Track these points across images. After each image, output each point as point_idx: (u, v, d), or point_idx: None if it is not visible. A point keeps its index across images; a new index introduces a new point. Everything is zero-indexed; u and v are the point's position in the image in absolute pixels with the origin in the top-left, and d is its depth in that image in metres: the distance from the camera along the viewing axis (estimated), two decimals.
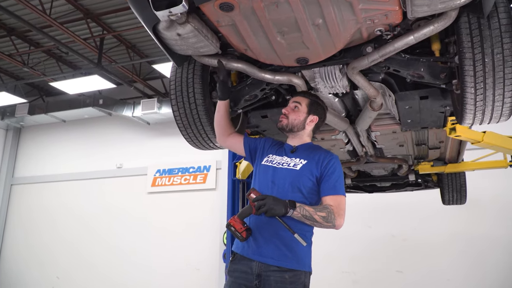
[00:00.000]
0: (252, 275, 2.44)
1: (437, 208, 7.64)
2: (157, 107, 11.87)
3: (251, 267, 2.45)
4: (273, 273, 2.40)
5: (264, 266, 2.42)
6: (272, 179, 2.57)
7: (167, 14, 2.11)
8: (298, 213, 2.31)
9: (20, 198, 14.56)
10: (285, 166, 2.60)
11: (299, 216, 2.32)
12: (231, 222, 2.42)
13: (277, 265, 2.40)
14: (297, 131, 2.74)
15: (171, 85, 3.12)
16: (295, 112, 2.72)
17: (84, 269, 12.64)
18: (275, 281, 2.38)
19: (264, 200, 2.26)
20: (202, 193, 12.37)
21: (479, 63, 2.24)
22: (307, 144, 2.75)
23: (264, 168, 2.66)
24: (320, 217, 2.34)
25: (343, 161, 4.94)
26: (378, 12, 2.16)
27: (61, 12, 9.73)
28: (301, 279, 2.42)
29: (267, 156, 2.72)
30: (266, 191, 2.49)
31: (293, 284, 2.39)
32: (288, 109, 2.75)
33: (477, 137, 3.80)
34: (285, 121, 2.73)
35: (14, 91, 13.28)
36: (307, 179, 2.52)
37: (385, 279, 9.69)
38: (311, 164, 2.57)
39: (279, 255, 2.42)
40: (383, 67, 2.66)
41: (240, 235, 2.40)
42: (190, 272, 11.45)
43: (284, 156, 2.66)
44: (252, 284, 2.43)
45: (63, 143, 14.45)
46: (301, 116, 2.72)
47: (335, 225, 2.39)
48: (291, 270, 2.41)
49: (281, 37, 2.35)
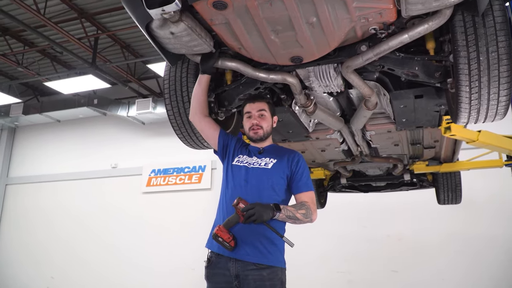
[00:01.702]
0: (231, 276, 2.48)
1: (433, 208, 7.63)
2: (152, 107, 11.85)
3: (228, 268, 2.49)
4: (251, 272, 2.43)
5: (241, 265, 2.46)
6: (245, 178, 2.64)
7: (160, 12, 2.10)
8: (283, 215, 2.41)
9: (15, 198, 14.50)
10: (256, 166, 2.68)
11: (283, 218, 2.43)
12: (217, 232, 2.44)
13: (254, 262, 2.45)
14: (267, 136, 2.83)
15: (164, 84, 3.11)
16: (265, 120, 2.80)
17: (79, 269, 12.60)
18: (254, 280, 2.42)
19: (254, 209, 2.31)
20: (197, 193, 12.35)
21: (474, 61, 2.23)
22: (271, 145, 2.87)
23: (236, 168, 2.72)
24: (301, 215, 2.48)
25: (338, 160, 4.94)
26: (372, 11, 2.15)
27: (56, 12, 9.70)
28: (278, 276, 2.49)
29: (237, 156, 2.78)
30: (240, 190, 2.57)
31: (271, 280, 2.44)
32: (257, 119, 2.79)
33: (472, 136, 3.79)
34: (261, 131, 2.78)
35: (8, 91, 13.24)
36: (279, 177, 2.64)
37: (381, 279, 9.69)
38: (281, 163, 2.68)
39: (255, 253, 2.47)
40: (378, 66, 2.65)
41: (228, 245, 2.43)
42: (185, 271, 11.41)
43: (254, 157, 2.75)
44: (232, 285, 2.47)
45: (57, 143, 14.41)
46: (269, 122, 2.82)
47: (312, 220, 2.55)
48: (268, 267, 2.46)
49: (275, 35, 2.34)
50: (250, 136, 2.80)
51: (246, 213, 2.30)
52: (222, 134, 2.89)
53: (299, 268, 3.25)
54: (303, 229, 2.93)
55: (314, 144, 4.23)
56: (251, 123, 2.77)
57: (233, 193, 2.58)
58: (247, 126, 2.81)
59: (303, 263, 9.44)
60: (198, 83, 2.84)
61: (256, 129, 2.77)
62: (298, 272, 2.93)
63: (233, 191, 2.60)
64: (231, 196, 2.59)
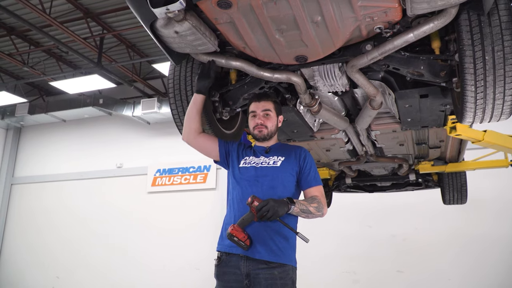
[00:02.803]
0: (241, 275, 2.46)
1: (438, 208, 7.62)
2: (157, 106, 11.86)
3: (239, 267, 2.47)
4: (261, 271, 2.41)
5: (252, 264, 2.44)
6: (255, 178, 2.62)
7: (165, 11, 2.10)
8: (297, 208, 2.41)
9: (20, 198, 14.55)
10: (265, 165, 2.67)
11: (297, 211, 2.43)
12: (232, 232, 2.39)
13: (265, 259, 2.42)
14: (273, 136, 2.81)
15: (169, 83, 3.10)
16: (269, 120, 2.78)
17: (84, 269, 12.63)
18: (265, 278, 2.40)
19: (268, 205, 2.30)
20: (202, 193, 12.35)
21: (480, 60, 2.22)
22: (277, 143, 2.86)
23: (244, 169, 2.71)
24: (313, 208, 2.49)
25: (343, 160, 4.93)
26: (378, 10, 2.15)
27: (61, 12, 9.72)
28: (289, 275, 2.47)
29: (243, 159, 2.76)
30: (252, 189, 2.56)
31: (282, 279, 2.42)
32: (262, 118, 2.77)
33: (477, 136, 3.77)
34: (265, 130, 2.77)
35: (14, 90, 13.29)
36: (289, 174, 2.64)
37: (386, 279, 9.68)
38: (289, 160, 2.68)
39: (267, 250, 2.45)
40: (383, 65, 2.64)
41: (244, 244, 2.40)
42: (190, 272, 11.44)
43: (261, 157, 2.74)
44: (243, 284, 2.45)
45: (63, 142, 14.44)
46: (275, 121, 2.81)
47: (323, 213, 2.56)
48: (279, 265, 2.44)
49: (280, 34, 2.33)
50: (255, 135, 2.79)
51: (261, 210, 2.29)
52: (221, 143, 2.86)
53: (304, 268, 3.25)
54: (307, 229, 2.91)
55: (319, 143, 4.22)
56: (256, 123, 2.77)
57: (245, 192, 2.56)
58: (251, 125, 2.80)
59: (308, 262, 9.41)
60: (193, 103, 2.79)
61: (261, 128, 2.76)
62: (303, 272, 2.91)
63: (245, 190, 2.58)
64: (242, 195, 2.57)
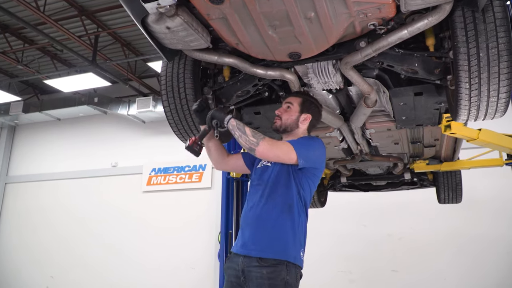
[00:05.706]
0: (239, 271, 2.46)
1: (434, 207, 7.60)
2: (152, 105, 11.82)
3: (237, 263, 2.48)
4: (254, 269, 2.40)
5: (247, 261, 2.43)
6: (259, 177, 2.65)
7: (156, 6, 2.07)
8: (234, 122, 2.53)
9: (14, 197, 14.48)
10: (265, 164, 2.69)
11: (233, 125, 2.52)
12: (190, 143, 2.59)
13: (258, 257, 2.40)
14: (291, 131, 2.74)
15: (161, 81, 3.08)
16: (287, 112, 2.74)
17: (78, 268, 12.57)
18: (256, 277, 2.38)
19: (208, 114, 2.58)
20: (198, 192, 12.31)
21: (474, 57, 2.21)
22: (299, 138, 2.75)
23: (255, 170, 2.74)
24: (250, 132, 2.49)
25: (338, 159, 4.92)
26: (371, 6, 2.12)
27: (56, 9, 9.66)
28: (281, 275, 2.36)
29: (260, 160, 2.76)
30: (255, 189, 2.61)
31: (271, 279, 2.34)
32: (281, 110, 2.77)
33: (472, 134, 3.75)
34: (278, 122, 2.75)
35: (8, 89, 13.22)
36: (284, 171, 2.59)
37: (381, 278, 9.67)
38: None
39: (261, 245, 2.43)
40: (377, 62, 2.63)
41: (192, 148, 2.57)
42: (185, 271, 11.41)
43: None
44: (240, 280, 2.46)
45: (58, 141, 14.37)
46: (293, 116, 2.73)
47: (258, 143, 2.46)
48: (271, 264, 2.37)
49: (273, 31, 2.31)
50: (272, 127, 2.82)
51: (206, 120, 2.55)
52: (245, 157, 2.89)
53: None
54: None
55: None
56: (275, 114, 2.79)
57: (251, 192, 2.63)
58: None
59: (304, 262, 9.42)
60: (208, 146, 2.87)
61: (276, 119, 2.77)
62: None
63: (251, 190, 2.65)
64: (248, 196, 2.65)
